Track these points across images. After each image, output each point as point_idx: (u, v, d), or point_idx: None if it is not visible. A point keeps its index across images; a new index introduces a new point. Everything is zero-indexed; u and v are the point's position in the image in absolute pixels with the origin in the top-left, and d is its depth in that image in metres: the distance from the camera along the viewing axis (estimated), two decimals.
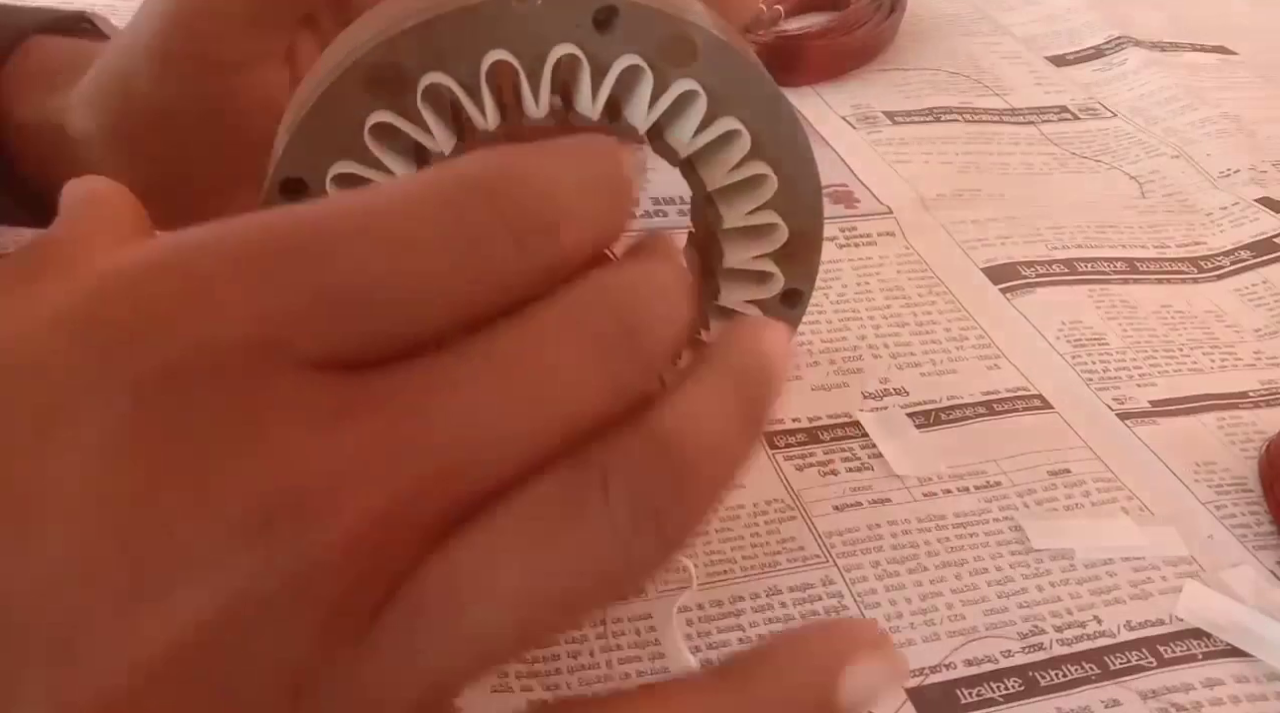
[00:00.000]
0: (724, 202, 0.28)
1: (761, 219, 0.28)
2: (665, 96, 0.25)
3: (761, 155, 0.27)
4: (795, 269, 0.29)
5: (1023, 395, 0.42)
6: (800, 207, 0.28)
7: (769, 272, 0.29)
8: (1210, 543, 0.36)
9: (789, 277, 0.29)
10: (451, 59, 0.23)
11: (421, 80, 0.23)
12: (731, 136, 0.26)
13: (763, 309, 0.29)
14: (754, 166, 0.27)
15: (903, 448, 0.39)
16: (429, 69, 0.23)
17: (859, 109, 0.61)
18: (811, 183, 0.28)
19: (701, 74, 0.25)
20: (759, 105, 0.26)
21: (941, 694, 0.30)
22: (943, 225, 0.51)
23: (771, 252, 0.28)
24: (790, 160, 0.27)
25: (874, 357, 0.43)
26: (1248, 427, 0.41)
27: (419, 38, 0.23)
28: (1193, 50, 0.71)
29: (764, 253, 0.28)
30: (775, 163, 0.27)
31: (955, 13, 0.73)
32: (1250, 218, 0.54)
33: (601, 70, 0.25)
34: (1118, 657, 0.32)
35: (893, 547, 0.35)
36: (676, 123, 0.26)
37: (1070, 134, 0.61)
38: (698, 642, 0.31)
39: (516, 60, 0.24)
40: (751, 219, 0.28)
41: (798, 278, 0.29)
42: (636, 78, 0.25)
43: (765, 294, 0.29)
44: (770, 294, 0.29)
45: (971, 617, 0.33)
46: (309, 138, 0.24)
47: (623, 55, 0.25)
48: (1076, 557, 0.35)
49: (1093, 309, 0.46)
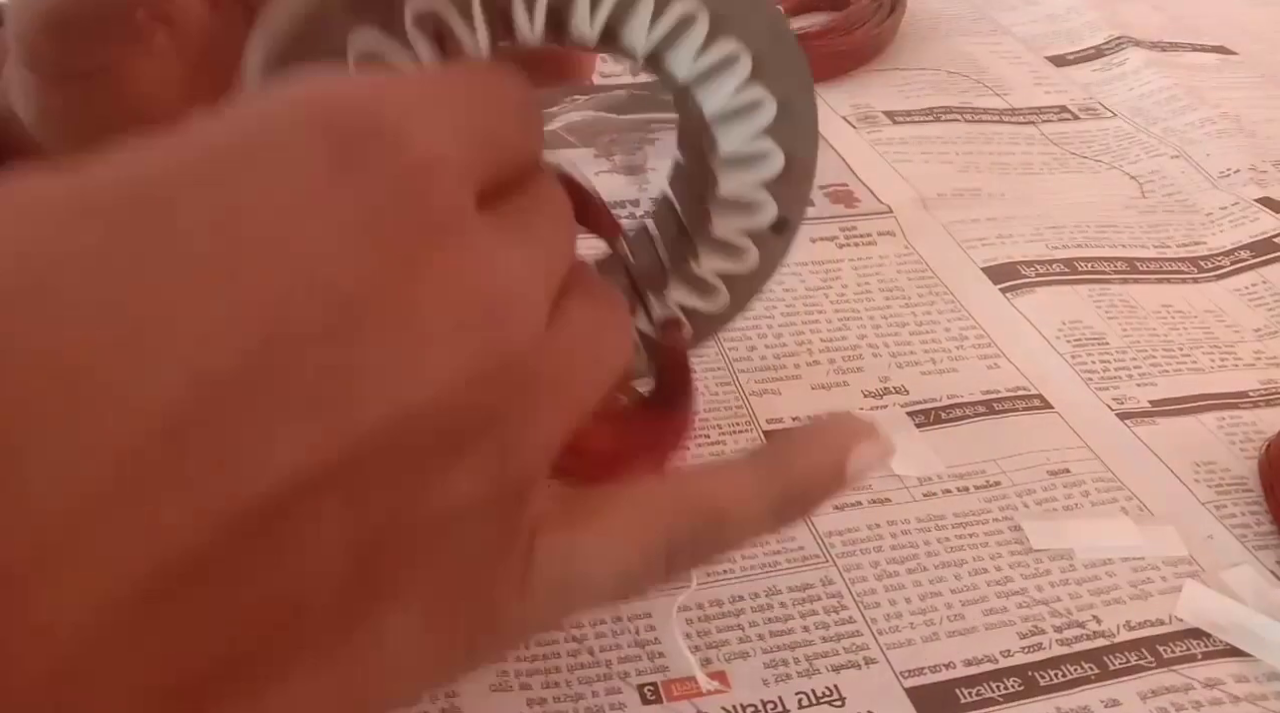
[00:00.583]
0: (721, 128, 0.27)
1: (758, 147, 0.27)
2: (665, 18, 0.24)
3: (761, 79, 0.26)
4: (787, 195, 0.28)
5: (1023, 395, 0.42)
6: (797, 133, 0.27)
7: (762, 200, 0.28)
8: (1210, 543, 0.36)
9: (781, 204, 0.28)
10: None
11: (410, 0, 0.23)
12: (732, 60, 0.26)
13: (753, 239, 0.29)
14: (753, 91, 0.26)
15: (903, 448, 0.39)
16: None
17: (859, 109, 0.61)
18: (809, 109, 0.27)
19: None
20: (759, 27, 0.25)
21: (941, 694, 0.30)
22: (943, 225, 0.51)
23: (766, 179, 0.28)
24: (789, 85, 0.26)
25: (874, 356, 0.43)
26: (1248, 427, 0.41)
27: None
28: (1193, 50, 0.71)
29: (758, 180, 0.28)
30: (774, 87, 0.26)
31: (955, 13, 0.73)
32: (1250, 218, 0.54)
33: None
34: (1117, 657, 0.32)
35: (892, 547, 0.35)
36: (676, 46, 0.26)
37: (1070, 134, 0.61)
38: (697, 641, 0.31)
39: None
40: (748, 147, 0.27)
41: (789, 206, 0.29)
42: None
43: (758, 223, 0.29)
44: (763, 223, 0.29)
45: (971, 617, 0.33)
46: (285, 62, 0.22)
47: None
48: (1076, 557, 0.35)
49: (1093, 309, 0.46)
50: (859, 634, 0.32)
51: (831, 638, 0.32)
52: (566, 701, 0.29)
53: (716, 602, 0.32)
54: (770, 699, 0.30)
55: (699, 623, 0.32)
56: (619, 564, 0.20)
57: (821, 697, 0.30)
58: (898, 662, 0.31)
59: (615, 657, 0.31)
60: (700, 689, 0.30)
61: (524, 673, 0.30)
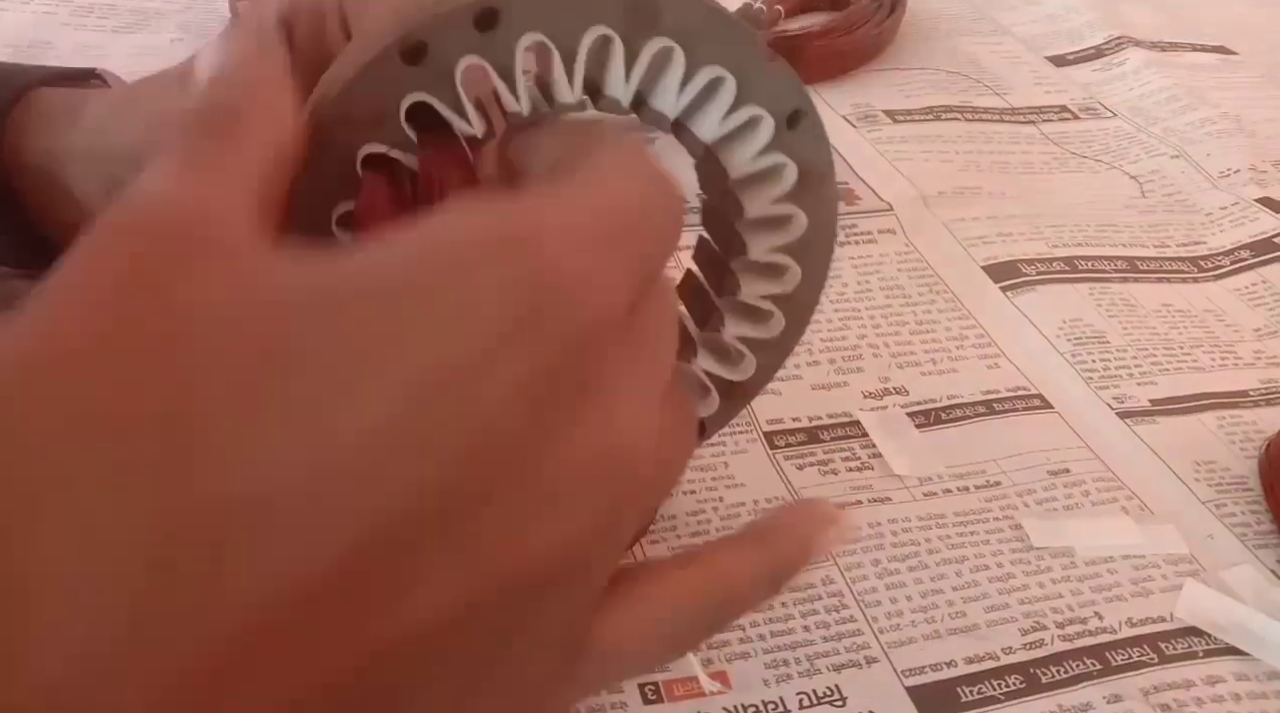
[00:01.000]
0: (745, 192, 0.28)
1: (782, 210, 0.28)
2: (694, 81, 0.25)
3: (782, 147, 0.27)
4: (809, 260, 0.29)
5: (1023, 394, 0.42)
6: (821, 198, 0.28)
7: (787, 264, 0.29)
8: (1210, 542, 0.36)
9: (805, 267, 0.29)
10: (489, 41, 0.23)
11: (460, 61, 0.23)
12: (756, 122, 0.26)
13: (777, 305, 0.29)
14: (775, 156, 0.27)
15: (903, 447, 0.39)
16: (468, 51, 0.23)
17: (859, 108, 0.61)
18: (830, 187, 0.28)
19: (726, 60, 0.25)
20: (783, 92, 0.26)
21: (942, 692, 0.30)
22: (943, 223, 0.51)
23: (790, 242, 0.28)
24: (809, 150, 0.27)
25: (874, 355, 0.43)
26: (1248, 426, 0.41)
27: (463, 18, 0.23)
28: (1193, 50, 0.71)
29: (783, 244, 0.28)
30: (794, 151, 0.27)
31: (955, 13, 0.74)
32: (1250, 218, 0.54)
33: (632, 54, 0.25)
34: (1119, 653, 0.32)
35: (893, 545, 0.35)
36: (703, 109, 0.26)
37: (1070, 134, 0.61)
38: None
39: (551, 42, 0.24)
40: (773, 209, 0.28)
41: (812, 269, 0.29)
42: (665, 62, 0.25)
43: (783, 288, 0.29)
44: (788, 288, 0.29)
45: (972, 614, 0.33)
46: (344, 108, 0.23)
47: (654, 38, 0.24)
48: (1077, 555, 0.35)
49: (1093, 308, 0.47)
50: (860, 634, 0.32)
51: (832, 637, 0.32)
52: None
53: None
54: (771, 700, 0.30)
55: None
56: (656, 650, 0.22)
57: (823, 697, 0.30)
58: (899, 661, 0.31)
59: None
60: (703, 690, 0.30)
61: None
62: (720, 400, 0.30)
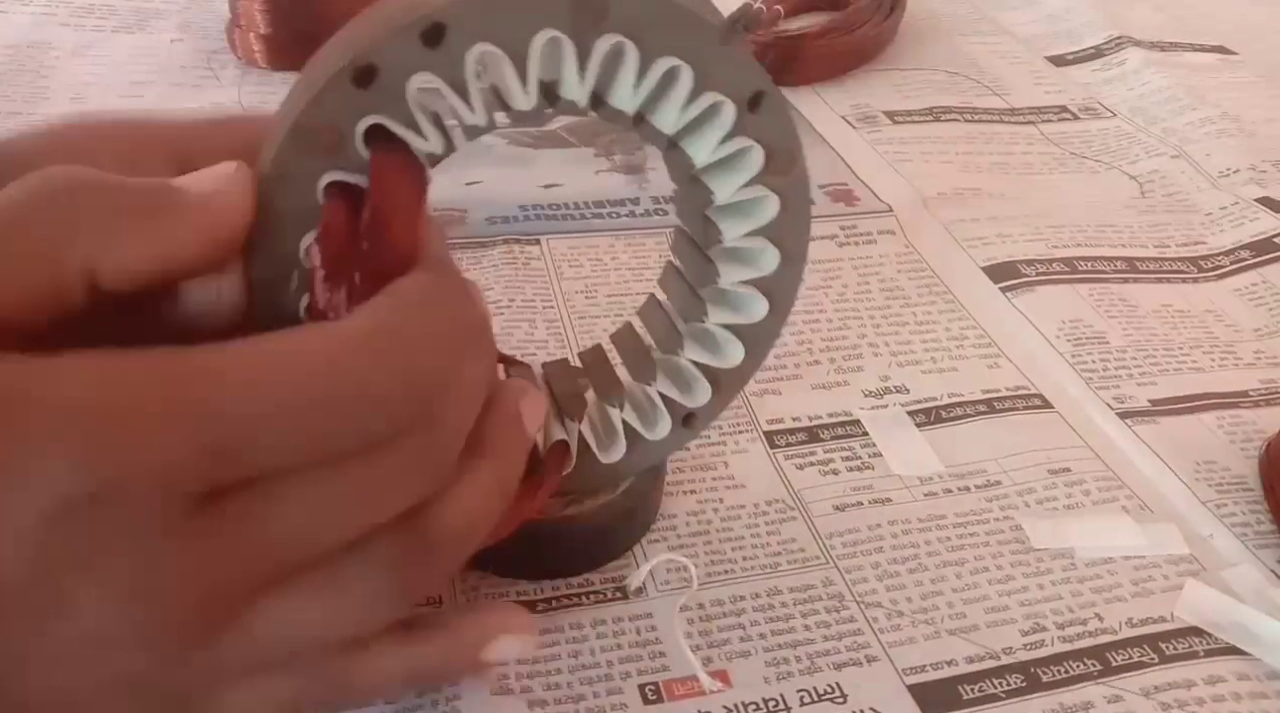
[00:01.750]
0: (713, 179, 0.27)
1: (752, 193, 0.27)
2: (650, 74, 0.25)
3: (745, 131, 0.26)
4: (785, 243, 0.29)
5: (1023, 394, 0.42)
6: (790, 182, 0.28)
7: (764, 248, 0.28)
8: (1210, 542, 0.36)
9: (782, 246, 0.29)
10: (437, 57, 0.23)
11: (411, 79, 0.23)
12: (717, 108, 0.26)
13: (759, 288, 0.29)
14: (739, 140, 0.27)
15: (903, 447, 0.39)
16: (418, 68, 0.23)
17: (859, 109, 0.61)
18: (800, 165, 0.28)
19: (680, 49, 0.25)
20: (741, 78, 0.26)
21: (943, 690, 0.30)
22: (943, 224, 0.51)
23: (764, 226, 0.28)
24: (774, 130, 0.27)
25: (874, 355, 0.43)
26: (1248, 426, 0.41)
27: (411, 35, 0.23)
28: (1193, 50, 0.71)
29: (757, 228, 0.28)
30: (759, 135, 0.27)
31: (955, 13, 0.74)
32: (1250, 218, 0.54)
33: (584, 53, 0.24)
34: (1119, 653, 0.32)
35: (893, 547, 0.35)
36: (662, 101, 0.26)
37: (1070, 134, 0.61)
38: (698, 641, 0.31)
39: (501, 50, 0.23)
40: (743, 194, 0.27)
41: (790, 252, 0.29)
42: (618, 58, 0.25)
43: (762, 272, 0.29)
44: (767, 271, 0.29)
45: (973, 615, 0.33)
46: (298, 141, 0.23)
47: (604, 35, 0.24)
48: (1077, 555, 0.35)
49: (1093, 308, 0.47)
50: (860, 633, 0.32)
51: (833, 637, 0.32)
52: (568, 702, 0.29)
53: (718, 602, 0.32)
54: (772, 697, 0.30)
55: (700, 623, 0.32)
56: None
57: (823, 694, 0.30)
58: (900, 659, 0.31)
59: (616, 657, 0.30)
60: (703, 689, 0.30)
61: (525, 675, 0.30)
62: (711, 391, 0.30)
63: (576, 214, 0.49)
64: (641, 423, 0.30)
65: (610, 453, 0.30)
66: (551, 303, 0.44)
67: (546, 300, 0.44)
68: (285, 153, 0.23)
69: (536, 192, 0.51)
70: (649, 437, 0.30)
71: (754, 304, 0.29)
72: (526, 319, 0.42)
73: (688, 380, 0.30)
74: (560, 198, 0.50)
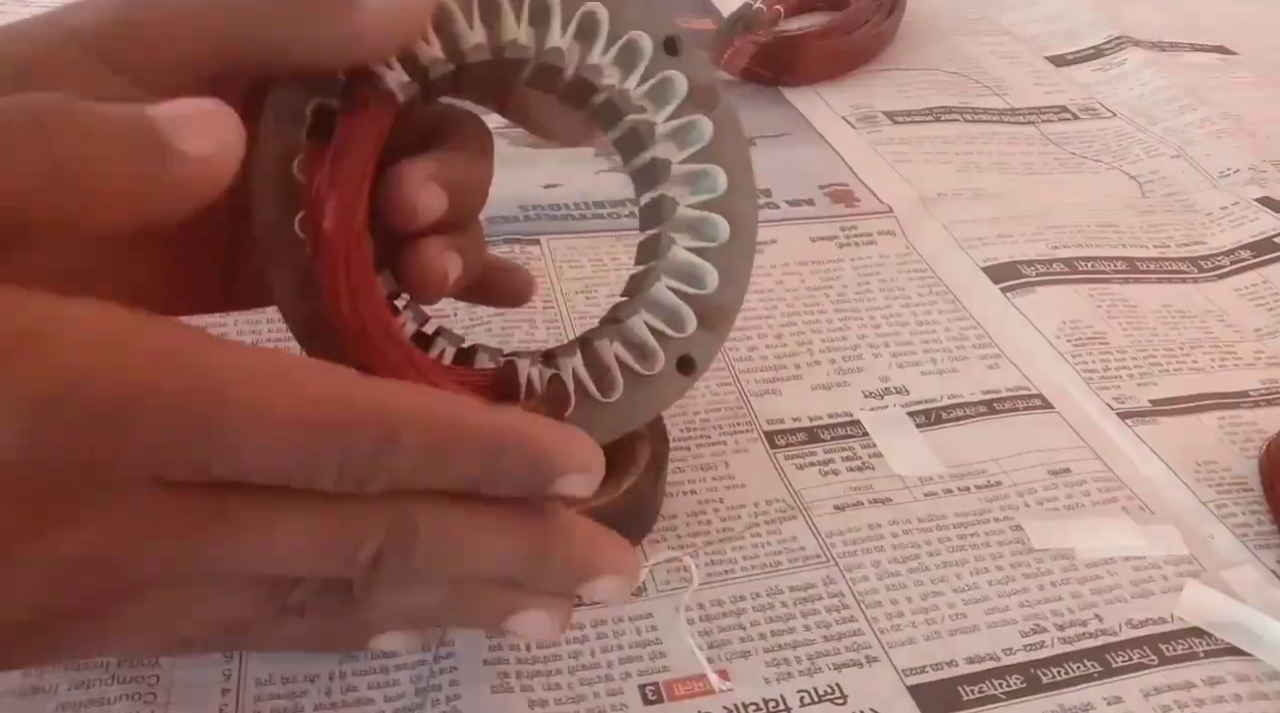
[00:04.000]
0: (648, 110, 0.30)
1: (684, 118, 0.30)
2: (573, 21, 0.29)
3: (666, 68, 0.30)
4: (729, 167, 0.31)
5: (1023, 395, 0.42)
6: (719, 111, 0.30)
7: (707, 168, 0.30)
8: (1211, 543, 0.36)
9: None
10: None
11: None
12: (637, 43, 0.29)
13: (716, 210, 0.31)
14: (662, 73, 0.30)
15: (903, 447, 0.39)
16: None
17: (859, 109, 0.61)
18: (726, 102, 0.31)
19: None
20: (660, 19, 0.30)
21: (943, 691, 0.30)
22: (943, 224, 0.51)
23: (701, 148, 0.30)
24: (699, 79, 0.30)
25: (874, 356, 0.43)
26: (1248, 426, 0.41)
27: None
28: (1193, 50, 0.71)
29: (698, 151, 0.30)
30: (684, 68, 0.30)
31: (955, 13, 0.74)
32: (1250, 218, 0.54)
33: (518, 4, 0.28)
34: (1119, 654, 0.32)
35: (894, 547, 0.35)
36: (586, 45, 0.29)
37: (1070, 134, 0.61)
38: (698, 640, 0.31)
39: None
40: (676, 121, 0.30)
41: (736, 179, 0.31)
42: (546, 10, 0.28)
43: (714, 193, 0.31)
44: (718, 192, 0.31)
45: (973, 616, 0.33)
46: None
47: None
48: (1077, 556, 0.35)
49: (1093, 308, 0.46)
50: (861, 634, 0.32)
51: (833, 637, 0.32)
52: (568, 702, 0.29)
53: (718, 602, 0.32)
54: (772, 698, 0.30)
55: (700, 623, 0.32)
56: None
57: (824, 695, 0.30)
58: (900, 660, 0.31)
59: (616, 657, 0.30)
60: (712, 688, 0.30)
61: (525, 675, 0.30)
62: (695, 320, 0.30)
63: (576, 214, 0.49)
64: (635, 358, 0.30)
65: (609, 393, 0.30)
66: (551, 303, 0.44)
67: (546, 300, 0.44)
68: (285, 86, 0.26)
69: (537, 192, 0.51)
70: (644, 371, 0.30)
71: (715, 226, 0.31)
72: (526, 319, 0.42)
73: (670, 308, 0.30)
74: (560, 198, 0.50)
